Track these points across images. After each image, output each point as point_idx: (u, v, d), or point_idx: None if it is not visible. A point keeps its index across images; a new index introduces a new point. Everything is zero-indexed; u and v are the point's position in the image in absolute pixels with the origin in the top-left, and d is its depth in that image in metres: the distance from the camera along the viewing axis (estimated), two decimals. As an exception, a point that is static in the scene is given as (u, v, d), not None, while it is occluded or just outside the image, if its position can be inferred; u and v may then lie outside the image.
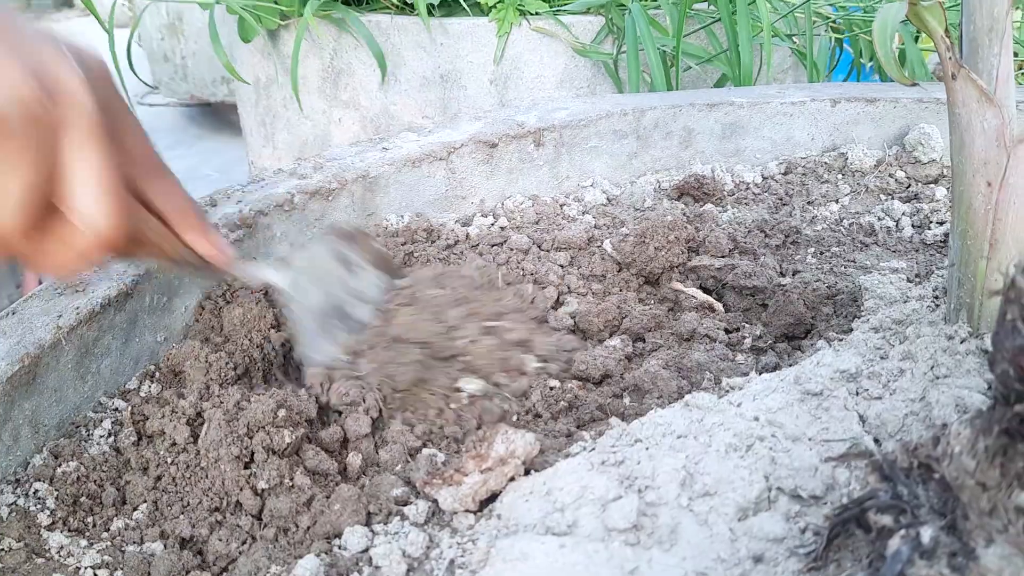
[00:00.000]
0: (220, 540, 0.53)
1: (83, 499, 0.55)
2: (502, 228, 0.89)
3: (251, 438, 0.56)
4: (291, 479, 0.55)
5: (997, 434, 0.36)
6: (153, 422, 0.59)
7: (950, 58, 0.54)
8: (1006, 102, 0.54)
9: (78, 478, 0.56)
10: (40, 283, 1.30)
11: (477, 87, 1.45)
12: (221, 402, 0.58)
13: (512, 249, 0.83)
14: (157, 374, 0.66)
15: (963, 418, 0.42)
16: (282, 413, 0.57)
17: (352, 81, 1.48)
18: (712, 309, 0.75)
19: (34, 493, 0.54)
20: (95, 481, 0.56)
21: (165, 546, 0.53)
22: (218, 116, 2.82)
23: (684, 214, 0.91)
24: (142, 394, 0.64)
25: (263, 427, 0.56)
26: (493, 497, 0.50)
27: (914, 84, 0.53)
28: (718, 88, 1.32)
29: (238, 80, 1.56)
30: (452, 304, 0.68)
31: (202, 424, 0.59)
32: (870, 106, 1.01)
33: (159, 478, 0.57)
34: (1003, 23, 0.53)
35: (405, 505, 0.52)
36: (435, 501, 0.51)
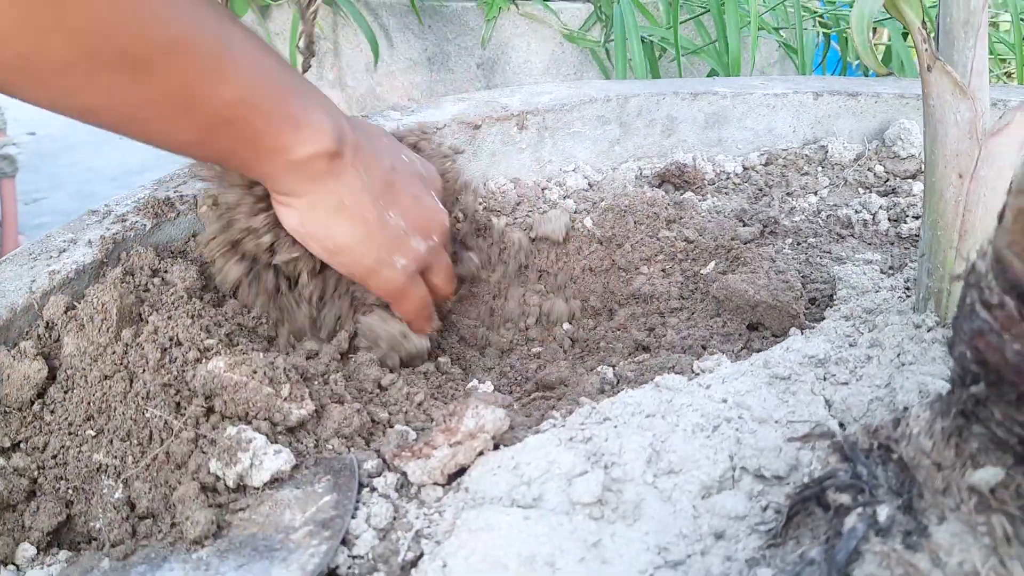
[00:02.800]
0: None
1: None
2: (484, 209, 0.89)
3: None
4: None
5: (953, 416, 0.37)
6: None
7: (926, 50, 0.54)
8: (979, 95, 0.55)
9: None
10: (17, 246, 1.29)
11: (464, 71, 1.45)
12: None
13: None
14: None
15: (923, 402, 0.43)
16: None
17: (339, 62, 1.48)
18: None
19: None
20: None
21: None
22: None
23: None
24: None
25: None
26: (462, 471, 0.51)
27: (888, 73, 0.54)
28: (702, 78, 1.32)
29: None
30: None
31: None
32: (852, 100, 1.02)
33: None
34: (979, 17, 0.54)
35: (374, 477, 0.52)
36: (404, 474, 0.52)
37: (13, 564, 0.47)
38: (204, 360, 0.52)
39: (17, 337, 0.57)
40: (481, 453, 0.51)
